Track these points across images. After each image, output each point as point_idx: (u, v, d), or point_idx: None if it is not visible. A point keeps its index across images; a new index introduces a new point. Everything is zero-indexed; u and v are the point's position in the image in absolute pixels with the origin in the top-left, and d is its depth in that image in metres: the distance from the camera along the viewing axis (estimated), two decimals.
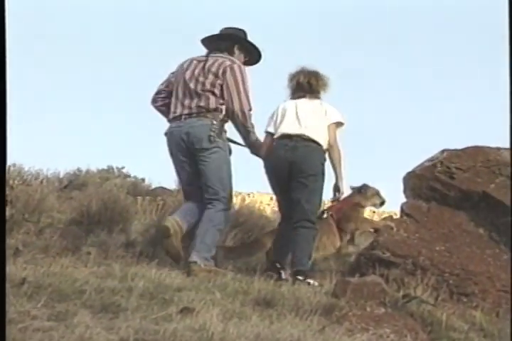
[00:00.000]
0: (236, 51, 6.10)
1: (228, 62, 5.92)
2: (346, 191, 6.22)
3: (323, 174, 5.80)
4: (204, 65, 5.97)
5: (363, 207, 6.55)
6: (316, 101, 5.93)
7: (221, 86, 5.86)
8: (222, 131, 5.84)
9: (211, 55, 6.03)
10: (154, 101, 6.18)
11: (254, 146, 6.06)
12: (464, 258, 5.51)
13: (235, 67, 5.90)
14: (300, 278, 5.59)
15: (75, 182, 9.26)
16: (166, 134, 6.02)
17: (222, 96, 5.88)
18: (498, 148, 6.20)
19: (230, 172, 5.90)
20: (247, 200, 10.43)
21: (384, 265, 5.56)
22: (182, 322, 3.95)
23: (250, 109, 5.91)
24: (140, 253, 6.02)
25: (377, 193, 6.54)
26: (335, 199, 6.07)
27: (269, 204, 11.63)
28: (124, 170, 10.64)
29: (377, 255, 5.65)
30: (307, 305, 4.66)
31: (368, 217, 11.96)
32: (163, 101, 6.12)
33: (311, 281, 5.57)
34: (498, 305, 5.26)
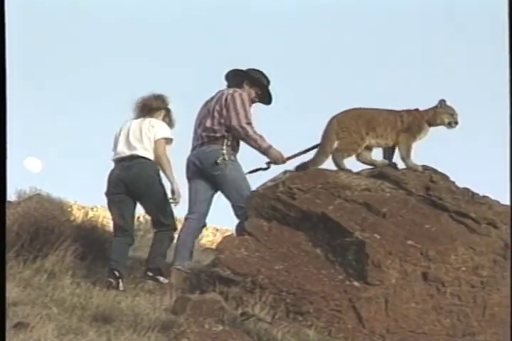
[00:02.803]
0: (245, 86, 6.65)
1: (230, 91, 6.53)
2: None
3: (160, 184, 6.32)
4: (212, 99, 6.60)
5: (430, 124, 6.45)
6: (146, 120, 6.45)
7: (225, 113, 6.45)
8: (230, 154, 6.43)
9: (222, 90, 6.63)
10: None
11: (269, 154, 6.48)
12: (301, 277, 5.63)
13: (236, 94, 6.49)
14: (150, 274, 6.08)
15: None
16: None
17: (226, 123, 6.44)
18: (337, 171, 6.39)
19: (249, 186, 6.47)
20: (90, 214, 10.26)
21: (224, 283, 5.61)
22: (15, 337, 3.87)
23: (249, 123, 6.43)
24: None
25: (451, 113, 6.38)
26: (175, 202, 6.38)
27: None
28: None
29: (217, 273, 5.70)
30: (146, 322, 4.66)
31: (212, 234, 11.94)
32: None
33: (161, 278, 6.04)
34: (330, 324, 5.41)
